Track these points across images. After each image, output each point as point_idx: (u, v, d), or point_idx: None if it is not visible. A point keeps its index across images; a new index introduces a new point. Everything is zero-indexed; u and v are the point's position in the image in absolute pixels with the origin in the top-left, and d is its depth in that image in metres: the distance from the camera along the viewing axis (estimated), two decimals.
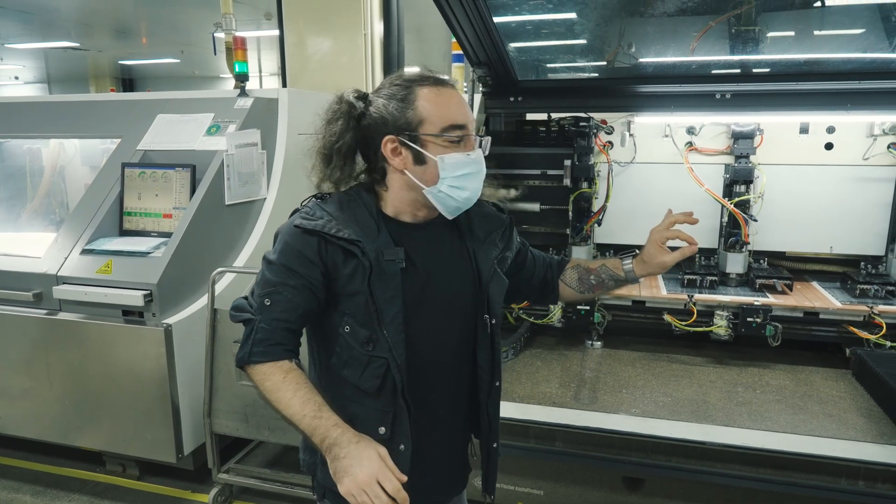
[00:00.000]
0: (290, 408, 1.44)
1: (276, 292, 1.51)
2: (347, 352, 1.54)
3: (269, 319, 1.50)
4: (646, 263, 1.84)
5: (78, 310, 3.29)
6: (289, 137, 3.84)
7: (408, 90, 1.53)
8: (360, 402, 1.54)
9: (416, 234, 1.59)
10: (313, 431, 1.41)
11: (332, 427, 1.41)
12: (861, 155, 3.36)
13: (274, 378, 1.48)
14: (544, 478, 2.67)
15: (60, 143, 4.35)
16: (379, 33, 5.80)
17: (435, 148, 1.51)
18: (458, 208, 1.57)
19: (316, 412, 1.42)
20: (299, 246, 1.50)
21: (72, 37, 13.45)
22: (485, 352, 1.67)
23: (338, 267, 1.51)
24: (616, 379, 3.06)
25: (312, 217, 1.52)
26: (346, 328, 1.53)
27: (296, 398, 1.44)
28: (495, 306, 1.67)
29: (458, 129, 1.51)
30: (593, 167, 3.59)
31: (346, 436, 1.40)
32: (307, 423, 1.42)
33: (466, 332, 1.65)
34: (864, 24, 3.18)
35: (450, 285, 1.61)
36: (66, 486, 3.50)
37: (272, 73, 16.95)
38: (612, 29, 3.48)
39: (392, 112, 1.52)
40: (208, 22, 9.72)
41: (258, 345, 1.50)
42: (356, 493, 1.30)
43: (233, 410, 3.17)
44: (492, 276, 1.66)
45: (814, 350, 3.32)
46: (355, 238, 1.49)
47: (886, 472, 2.29)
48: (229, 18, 4.23)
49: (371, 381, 1.52)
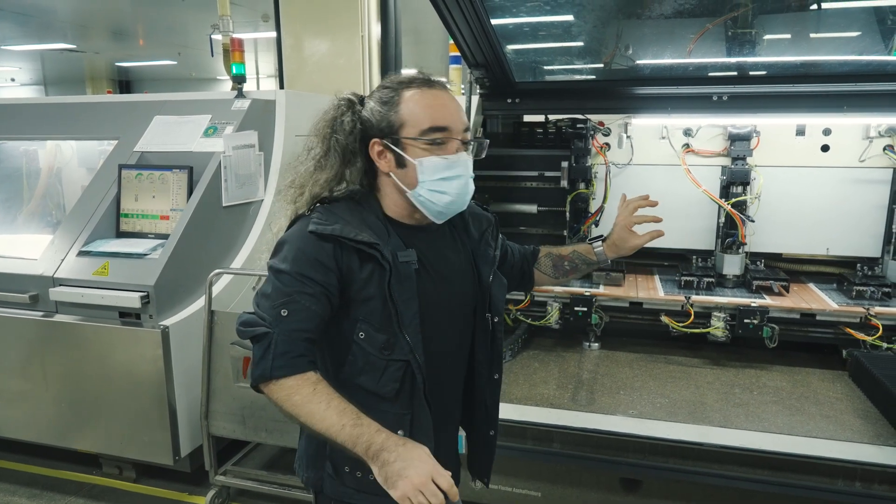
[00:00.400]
0: (326, 420, 1.38)
1: (292, 301, 1.45)
2: (363, 358, 1.53)
3: (288, 330, 1.44)
4: (617, 247, 1.93)
5: (75, 312, 3.29)
6: (286, 139, 3.84)
7: (395, 92, 1.54)
8: (376, 409, 1.50)
9: (420, 236, 1.60)
10: (356, 440, 1.36)
11: (376, 433, 1.37)
12: (857, 157, 3.37)
13: (303, 391, 1.42)
14: (542, 479, 2.67)
15: (57, 145, 4.34)
16: (376, 35, 5.81)
17: (414, 151, 1.51)
18: (443, 213, 1.56)
19: (356, 420, 1.38)
20: (314, 252, 1.47)
21: (68, 38, 13.45)
22: (484, 347, 1.71)
23: (353, 272, 1.48)
24: (613, 380, 3.06)
25: (327, 222, 1.49)
26: (361, 334, 1.52)
27: (330, 409, 1.39)
28: (497, 304, 1.71)
29: (438, 132, 1.50)
30: (590, 169, 3.59)
31: (392, 440, 1.37)
32: (348, 432, 1.37)
33: (467, 331, 1.69)
34: (860, 27, 3.19)
35: (454, 285, 1.64)
36: (63, 489, 3.49)
37: (269, 75, 16.96)
38: (609, 31, 3.48)
39: (378, 115, 1.54)
40: (205, 24, 9.74)
41: (280, 358, 1.43)
42: (412, 494, 1.28)
43: (230, 412, 3.17)
44: (493, 275, 1.69)
45: (810, 351, 3.33)
46: (374, 241, 1.48)
47: (883, 474, 2.30)
48: (226, 20, 4.22)
49: (389, 385, 1.52)
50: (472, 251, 1.70)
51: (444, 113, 1.51)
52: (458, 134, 1.53)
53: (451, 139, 1.52)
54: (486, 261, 1.70)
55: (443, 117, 1.51)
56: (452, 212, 1.59)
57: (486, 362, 1.72)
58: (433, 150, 1.50)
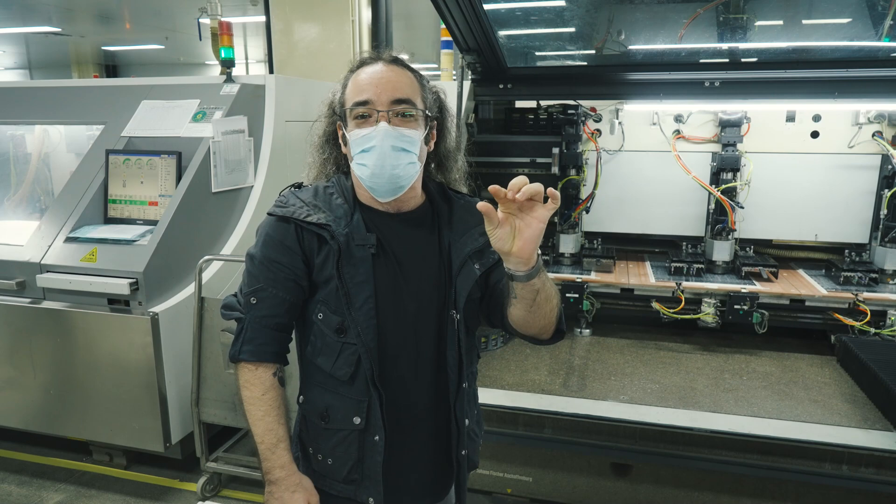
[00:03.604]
0: (255, 427, 1.56)
1: (261, 290, 1.54)
2: (321, 339, 1.56)
3: (258, 317, 1.54)
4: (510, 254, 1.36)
5: (62, 298, 3.26)
6: (276, 124, 3.80)
7: (348, 75, 1.57)
8: (335, 392, 1.56)
9: (390, 223, 1.58)
10: (263, 461, 1.56)
11: (279, 468, 1.55)
12: (846, 143, 3.39)
13: (253, 391, 1.56)
14: (533, 464, 2.69)
15: (45, 130, 4.29)
16: (367, 20, 5.77)
17: (350, 126, 1.53)
18: (373, 188, 1.52)
19: (272, 446, 1.55)
20: (279, 235, 1.53)
21: (53, 21, 13.22)
22: (453, 350, 1.58)
23: (314, 253, 1.52)
24: (604, 366, 3.08)
25: (285, 205, 1.55)
26: (320, 315, 1.55)
27: (262, 421, 1.55)
28: (461, 300, 1.56)
29: (361, 106, 1.50)
30: (581, 155, 3.59)
31: (286, 482, 1.54)
32: (262, 449, 1.56)
33: (437, 327, 1.58)
34: (851, 13, 3.20)
35: (420, 276, 1.57)
36: (53, 476, 3.48)
37: (258, 60, 16.79)
38: (601, 16, 3.48)
39: (337, 98, 1.59)
40: (193, 7, 9.58)
41: (247, 344, 1.55)
42: None
43: (221, 399, 3.16)
44: (461, 268, 1.56)
45: (799, 337, 3.35)
46: (324, 222, 1.50)
47: (870, 457, 2.33)
48: (215, 3, 4.16)
49: (343, 368, 1.53)
50: (450, 244, 1.59)
51: (369, 86, 1.50)
52: (380, 105, 1.48)
53: (372, 111, 1.49)
54: (460, 253, 1.57)
55: (366, 91, 1.49)
56: (380, 186, 1.50)
57: (454, 367, 1.58)
58: (359, 123, 1.51)
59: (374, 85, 1.49)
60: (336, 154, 1.65)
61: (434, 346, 1.59)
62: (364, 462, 1.56)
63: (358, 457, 1.56)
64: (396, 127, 1.49)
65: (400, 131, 1.49)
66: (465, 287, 1.56)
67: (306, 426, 1.65)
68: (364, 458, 1.56)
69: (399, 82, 1.51)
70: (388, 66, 1.53)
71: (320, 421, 1.59)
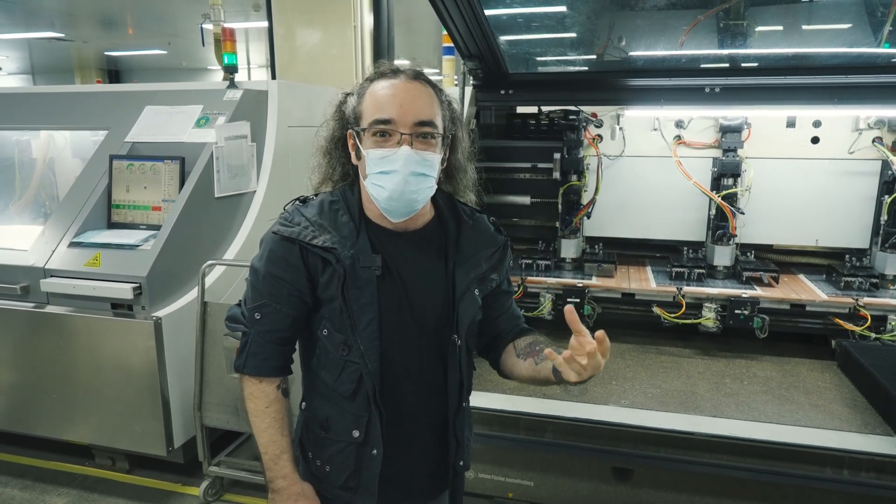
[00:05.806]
0: (259, 437, 1.60)
1: (265, 305, 1.54)
2: (325, 354, 1.56)
3: (262, 332, 1.56)
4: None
5: (66, 303, 3.27)
6: (279, 130, 3.82)
7: (367, 83, 1.53)
8: (337, 405, 1.57)
9: (396, 242, 1.56)
10: (266, 470, 1.60)
11: (280, 478, 1.58)
12: (846, 149, 3.40)
13: (257, 403, 1.59)
14: (534, 469, 2.69)
15: (50, 135, 4.31)
16: (369, 25, 5.78)
17: (367, 142, 1.49)
18: (387, 210, 1.50)
19: (275, 457, 1.58)
20: (283, 253, 1.53)
21: (56, 27, 13.26)
22: (454, 370, 1.61)
23: (318, 272, 1.52)
24: (605, 371, 3.04)
25: (290, 223, 1.54)
26: (325, 331, 1.55)
27: (265, 434, 1.58)
28: (463, 326, 1.58)
29: (382, 124, 1.46)
30: (583, 160, 3.60)
31: (288, 491, 1.58)
32: (265, 459, 1.59)
33: (439, 349, 1.60)
34: (851, 19, 3.21)
35: (424, 298, 1.57)
36: (56, 480, 3.49)
37: (260, 65, 16.83)
38: (602, 22, 3.49)
39: (351, 107, 1.55)
40: (196, 13, 9.66)
41: (252, 358, 1.57)
42: None
43: (223, 403, 3.17)
44: (464, 294, 1.58)
45: (800, 342, 3.36)
46: (330, 245, 1.49)
47: (870, 461, 2.33)
48: (218, 9, 4.19)
49: (346, 384, 1.54)
50: (454, 266, 1.58)
51: (391, 105, 1.45)
52: (402, 127, 1.45)
53: (394, 132, 1.46)
54: (464, 278, 1.58)
55: (387, 109, 1.45)
56: (397, 209, 1.50)
57: (455, 386, 1.62)
58: (378, 142, 1.47)
59: (398, 105, 1.45)
60: (344, 160, 1.62)
61: (436, 368, 1.61)
62: (361, 473, 1.58)
63: (355, 467, 1.58)
64: (419, 151, 1.46)
65: (423, 156, 1.47)
66: (468, 313, 1.60)
67: (307, 432, 1.66)
68: (361, 469, 1.57)
69: (423, 102, 1.48)
70: (411, 82, 1.49)
71: (320, 430, 1.60)
